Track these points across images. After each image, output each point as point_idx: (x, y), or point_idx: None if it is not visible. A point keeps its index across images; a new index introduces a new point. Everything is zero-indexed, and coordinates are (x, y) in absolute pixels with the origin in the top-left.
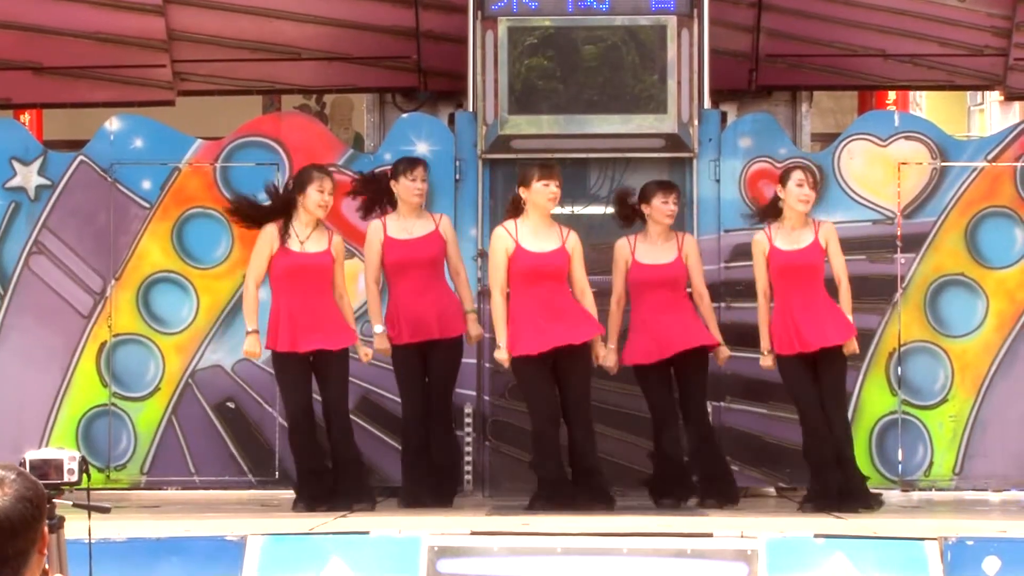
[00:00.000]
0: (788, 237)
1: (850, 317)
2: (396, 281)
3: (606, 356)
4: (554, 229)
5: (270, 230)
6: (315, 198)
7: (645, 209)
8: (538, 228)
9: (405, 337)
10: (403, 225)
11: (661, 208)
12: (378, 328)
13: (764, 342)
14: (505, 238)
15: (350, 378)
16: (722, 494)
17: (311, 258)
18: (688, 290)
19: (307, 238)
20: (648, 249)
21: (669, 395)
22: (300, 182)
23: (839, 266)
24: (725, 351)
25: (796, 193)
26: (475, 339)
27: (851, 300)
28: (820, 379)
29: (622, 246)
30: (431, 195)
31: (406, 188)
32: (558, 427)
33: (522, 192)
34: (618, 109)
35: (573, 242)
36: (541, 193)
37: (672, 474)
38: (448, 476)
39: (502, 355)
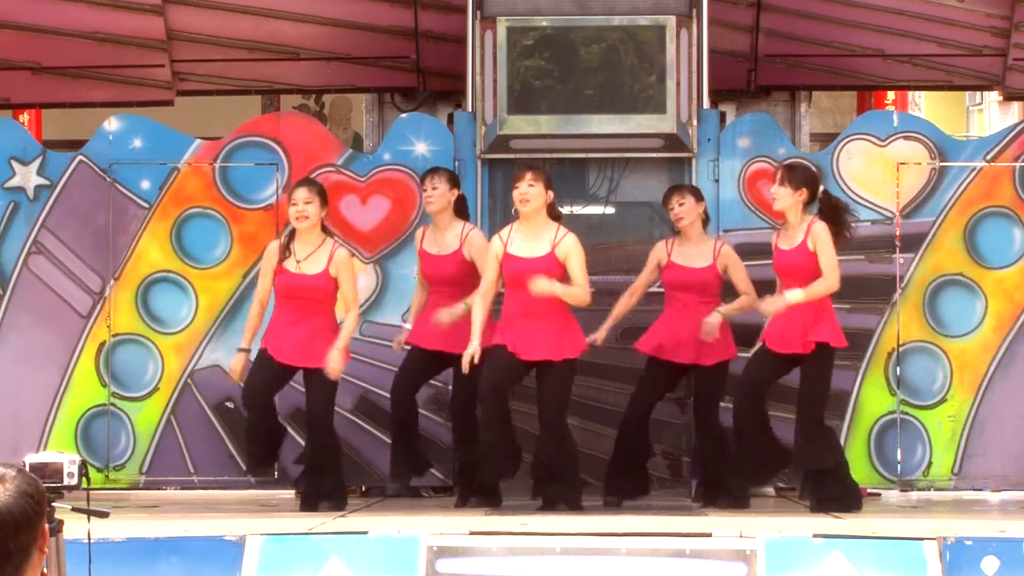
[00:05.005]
0: (785, 236)
1: (804, 294)
2: (429, 289)
3: (597, 335)
4: (548, 233)
5: (272, 247)
6: (291, 213)
7: None
8: (530, 232)
9: (425, 343)
10: (434, 238)
11: (670, 215)
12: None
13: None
14: (496, 244)
15: (350, 378)
16: (729, 495)
17: (304, 280)
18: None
19: (306, 257)
20: (682, 251)
21: (649, 395)
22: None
23: (821, 265)
24: (718, 319)
25: (770, 193)
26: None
27: (822, 292)
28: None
29: (658, 247)
30: None
31: (423, 199)
32: (500, 399)
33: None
34: (617, 109)
35: (565, 247)
36: (515, 197)
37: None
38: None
39: (471, 350)
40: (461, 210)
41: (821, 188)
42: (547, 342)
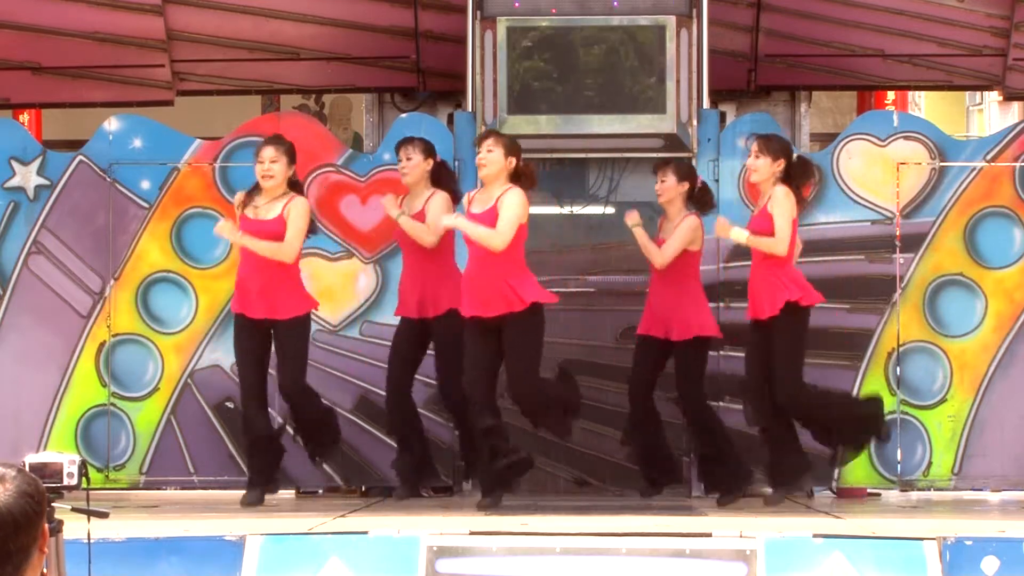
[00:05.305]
0: (756, 205)
1: (749, 237)
2: (403, 255)
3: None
4: (497, 192)
5: (237, 197)
6: (257, 171)
7: None
8: (487, 195)
9: (400, 310)
10: (408, 205)
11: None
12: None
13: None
14: (464, 201)
15: (350, 378)
16: (723, 486)
17: (259, 225)
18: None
19: (265, 204)
20: (664, 230)
21: (640, 373)
22: None
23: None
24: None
25: (747, 165)
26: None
27: (764, 247)
28: None
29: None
30: None
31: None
32: (480, 389)
33: None
34: (617, 109)
35: (502, 200)
36: (476, 162)
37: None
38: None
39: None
40: (442, 178)
41: (795, 155)
42: (502, 296)
